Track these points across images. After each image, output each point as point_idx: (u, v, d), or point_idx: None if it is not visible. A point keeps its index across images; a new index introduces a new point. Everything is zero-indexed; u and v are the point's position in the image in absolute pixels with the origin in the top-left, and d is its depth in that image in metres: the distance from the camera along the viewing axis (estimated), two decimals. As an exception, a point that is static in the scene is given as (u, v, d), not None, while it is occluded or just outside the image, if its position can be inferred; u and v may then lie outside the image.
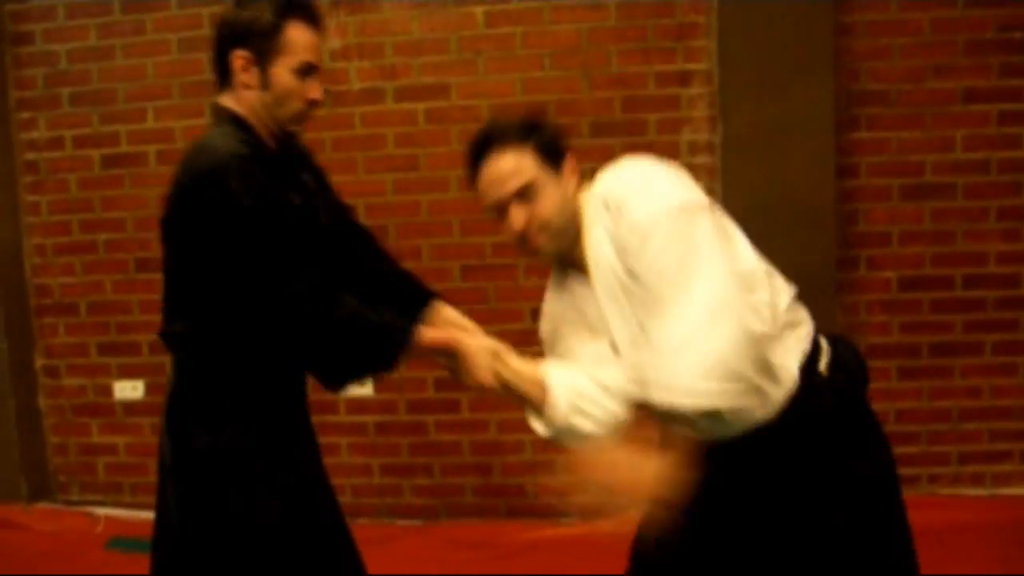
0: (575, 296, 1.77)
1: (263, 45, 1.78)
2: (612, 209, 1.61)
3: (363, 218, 3.50)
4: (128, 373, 3.82)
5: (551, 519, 3.47)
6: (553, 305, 1.86)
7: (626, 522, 1.66)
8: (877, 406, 3.39)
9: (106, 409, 3.87)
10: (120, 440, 3.88)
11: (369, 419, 3.66)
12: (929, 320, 3.48)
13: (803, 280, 3.19)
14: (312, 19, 1.82)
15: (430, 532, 3.54)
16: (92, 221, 3.78)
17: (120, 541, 3.58)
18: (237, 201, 1.70)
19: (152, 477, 3.78)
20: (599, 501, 1.60)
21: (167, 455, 2.00)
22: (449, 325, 2.03)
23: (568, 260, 1.75)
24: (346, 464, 3.67)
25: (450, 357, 1.80)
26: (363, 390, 3.63)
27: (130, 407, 3.84)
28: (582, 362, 1.74)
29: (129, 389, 3.83)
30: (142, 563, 3.38)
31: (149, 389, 3.81)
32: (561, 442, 1.76)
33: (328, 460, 3.62)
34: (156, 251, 3.62)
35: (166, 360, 3.72)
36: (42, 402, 3.95)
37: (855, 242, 3.43)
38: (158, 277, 3.65)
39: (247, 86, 1.80)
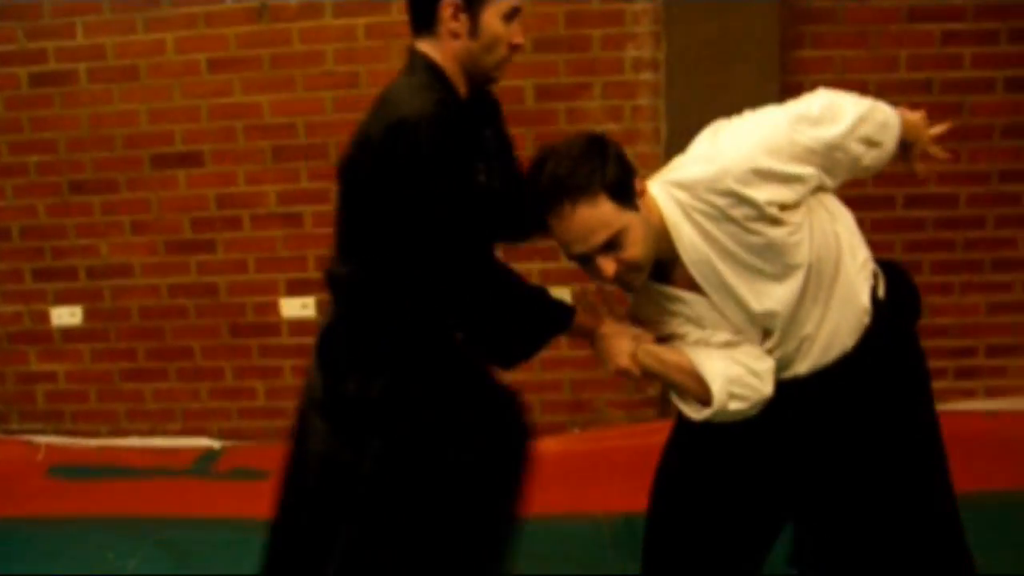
0: (681, 303, 1.74)
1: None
2: (723, 179, 1.58)
3: (302, 137, 3.53)
4: (65, 299, 3.79)
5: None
6: (658, 305, 1.79)
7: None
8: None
9: (44, 336, 3.84)
10: (59, 367, 3.86)
11: (312, 340, 3.65)
12: (870, 239, 3.52)
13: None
14: None
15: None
16: (22, 142, 3.70)
17: (61, 468, 3.59)
18: (426, 164, 1.68)
19: (93, 404, 3.85)
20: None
21: (316, 390, 1.99)
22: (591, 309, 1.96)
23: (655, 273, 1.73)
24: (290, 386, 3.68)
25: (595, 340, 1.83)
26: (305, 311, 3.64)
27: (68, 334, 3.82)
28: (723, 350, 1.72)
29: (67, 315, 3.80)
30: (83, 489, 3.46)
31: (88, 315, 3.79)
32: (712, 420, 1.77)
33: (271, 383, 3.74)
34: (90, 173, 3.68)
35: (104, 285, 3.76)
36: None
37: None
38: (93, 200, 3.72)
39: (455, 34, 1.77)
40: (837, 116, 1.67)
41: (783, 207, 1.59)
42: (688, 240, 1.64)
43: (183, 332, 3.74)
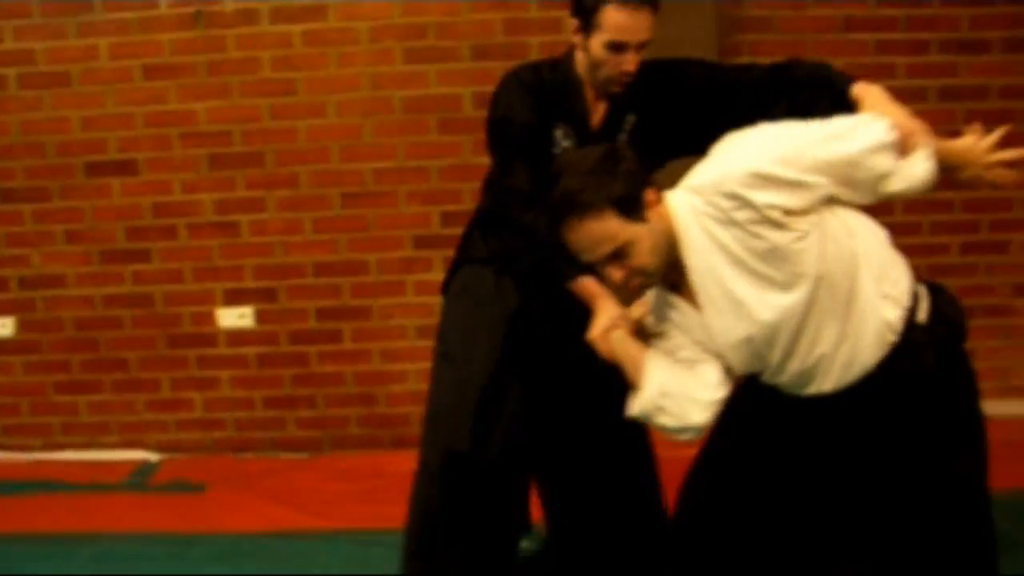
0: (675, 310, 1.82)
1: (586, 20, 2.07)
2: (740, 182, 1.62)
3: (238, 145, 3.51)
4: (2, 310, 3.73)
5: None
6: (658, 304, 1.87)
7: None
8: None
9: (-22, 346, 3.79)
10: (-9, 380, 3.81)
11: (250, 351, 3.66)
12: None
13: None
14: (627, 3, 2.02)
15: (315, 465, 3.58)
16: (-52, 151, 3.65)
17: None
18: (491, 112, 2.20)
19: (26, 417, 3.79)
20: None
21: None
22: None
23: (668, 280, 1.80)
24: (227, 398, 3.67)
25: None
26: (243, 321, 3.62)
27: (0, 346, 3.76)
28: (681, 365, 1.81)
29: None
30: (16, 505, 3.39)
31: (20, 326, 3.73)
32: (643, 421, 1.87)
33: (209, 394, 3.71)
34: (21, 181, 3.63)
35: (37, 296, 3.71)
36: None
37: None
38: (24, 208, 3.66)
39: (579, 45, 2.12)
40: (858, 135, 1.68)
41: (788, 212, 1.61)
42: (696, 245, 1.69)
43: (118, 343, 3.70)
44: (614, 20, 2.03)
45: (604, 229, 1.67)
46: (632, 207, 1.68)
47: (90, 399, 3.76)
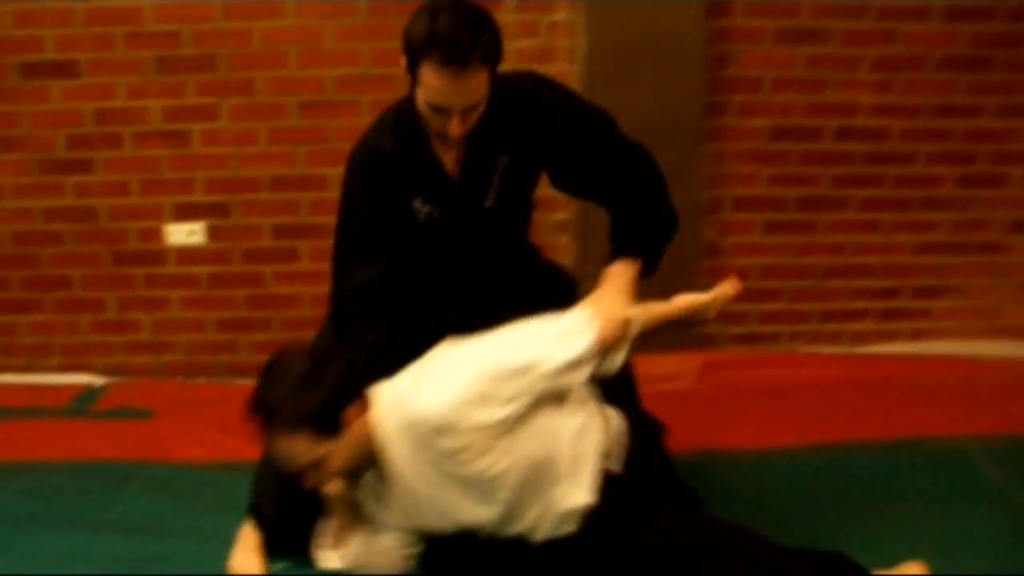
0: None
1: (410, 65, 1.85)
2: None
3: (188, 47, 3.27)
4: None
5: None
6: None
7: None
8: (741, 261, 3.43)
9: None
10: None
11: (201, 270, 3.47)
12: (797, 172, 3.45)
13: (668, 127, 3.14)
14: (446, 63, 1.77)
15: (270, 392, 3.41)
16: None
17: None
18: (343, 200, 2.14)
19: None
20: None
21: None
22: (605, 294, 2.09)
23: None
24: (177, 319, 3.49)
25: None
26: (193, 238, 3.42)
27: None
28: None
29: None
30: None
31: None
32: None
33: (157, 315, 3.52)
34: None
35: None
36: None
37: (725, 87, 3.33)
38: None
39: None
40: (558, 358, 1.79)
41: (493, 436, 1.73)
42: (400, 458, 1.78)
43: (60, 260, 3.48)
44: (431, 82, 1.80)
45: (297, 448, 1.72)
46: (329, 426, 1.73)
47: (31, 319, 3.55)
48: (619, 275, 2.10)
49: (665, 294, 3.32)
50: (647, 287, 2.20)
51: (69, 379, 3.53)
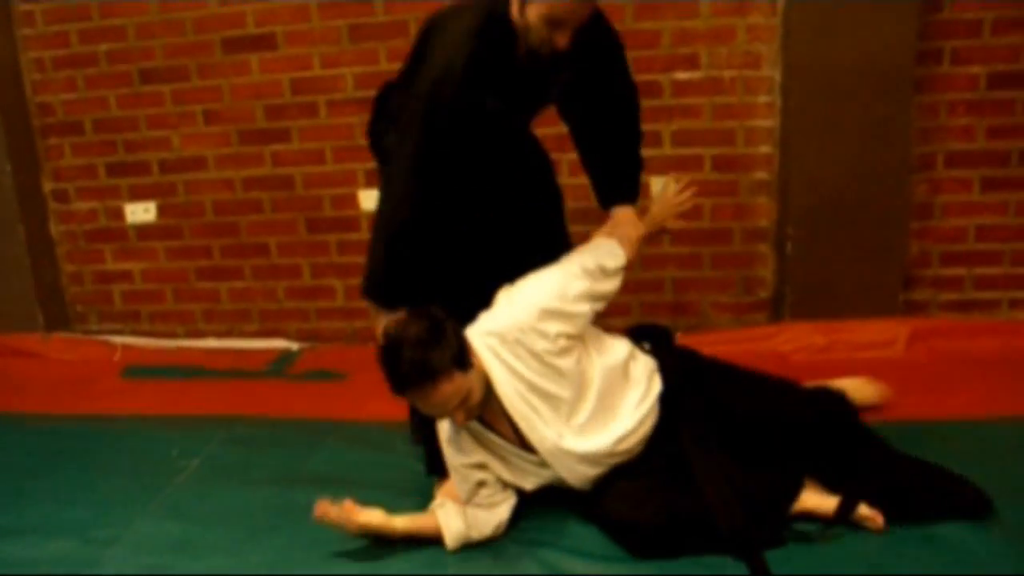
0: (491, 442, 2.15)
1: None
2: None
3: (380, 14, 3.34)
4: (139, 195, 3.75)
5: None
6: (466, 445, 2.18)
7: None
8: (955, 221, 3.22)
9: (119, 234, 3.83)
10: (135, 266, 3.85)
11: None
12: (1022, 123, 3.21)
13: (873, 77, 2.98)
14: None
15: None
16: (91, 30, 3.63)
17: (137, 369, 3.58)
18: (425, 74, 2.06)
19: (169, 304, 3.83)
20: None
21: None
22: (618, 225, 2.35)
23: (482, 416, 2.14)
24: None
25: None
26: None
27: (143, 231, 3.79)
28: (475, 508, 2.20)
29: (141, 212, 3.77)
30: (158, 389, 3.45)
31: (161, 211, 3.75)
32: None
33: (350, 282, 3.60)
34: (160, 60, 3.59)
35: (177, 180, 3.70)
36: (54, 228, 3.92)
37: (938, 32, 3.12)
38: (164, 89, 3.64)
39: (516, 2, 2.00)
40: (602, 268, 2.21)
41: (570, 337, 2.09)
42: (500, 378, 2.06)
43: (258, 228, 3.67)
44: None
45: (454, 387, 1.96)
46: (465, 361, 2.00)
47: (231, 286, 3.76)
48: (627, 211, 2.38)
49: (868, 256, 3.20)
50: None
51: (267, 344, 3.71)
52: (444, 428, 2.18)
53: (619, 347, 2.25)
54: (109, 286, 3.92)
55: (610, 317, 3.38)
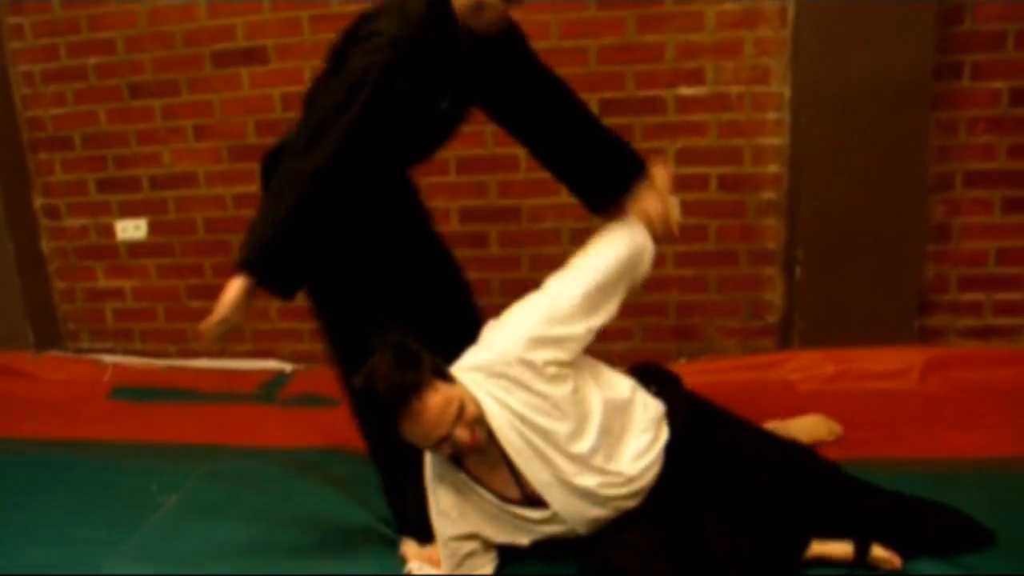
0: (475, 496, 2.02)
1: None
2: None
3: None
4: (129, 211, 3.67)
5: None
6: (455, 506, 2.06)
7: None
8: (974, 244, 3.09)
9: (110, 251, 3.75)
10: (126, 284, 3.78)
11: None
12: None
13: (889, 92, 2.86)
14: None
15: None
16: (80, 43, 3.56)
17: (125, 390, 3.51)
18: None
19: (161, 323, 3.75)
20: None
21: None
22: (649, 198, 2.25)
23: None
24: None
25: None
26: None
27: (134, 248, 3.72)
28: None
29: (132, 228, 3.69)
30: (146, 412, 3.37)
31: (152, 228, 3.67)
32: None
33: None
34: (148, 75, 3.50)
35: (168, 196, 3.62)
36: (44, 245, 3.85)
37: (958, 45, 2.98)
38: (154, 104, 3.56)
39: None
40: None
41: (561, 364, 1.96)
42: (490, 410, 1.92)
43: (250, 247, 3.57)
44: None
45: (442, 397, 1.84)
46: (445, 374, 1.91)
47: (223, 306, 3.67)
48: (646, 186, 2.28)
49: (882, 280, 3.07)
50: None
51: (259, 365, 3.63)
52: (435, 499, 2.06)
53: (622, 383, 2.12)
54: (101, 304, 3.85)
55: (610, 341, 3.30)
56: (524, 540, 2.05)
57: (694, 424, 2.14)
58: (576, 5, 3.05)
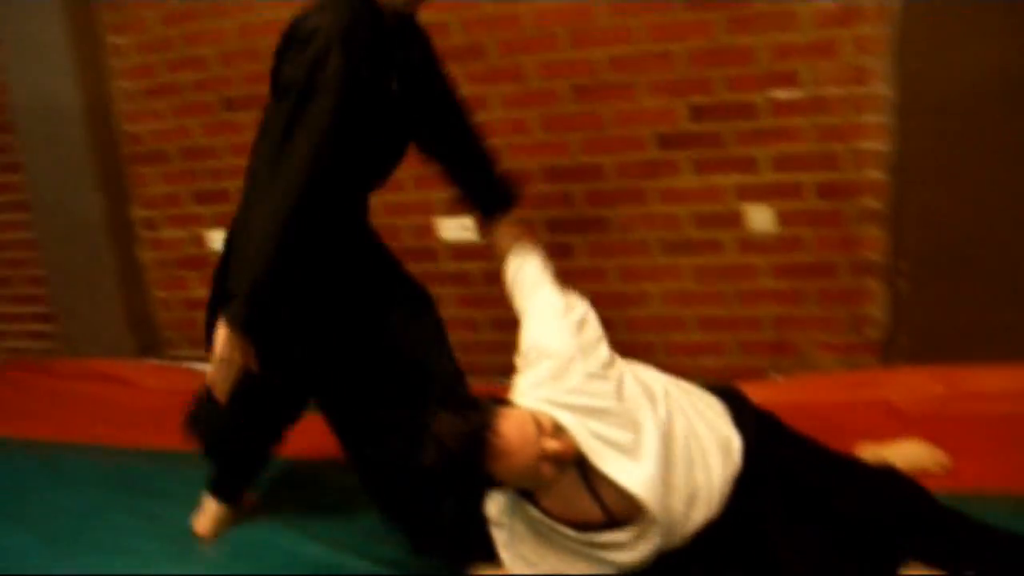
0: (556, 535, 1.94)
1: None
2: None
3: (458, 36, 3.22)
4: (221, 222, 3.73)
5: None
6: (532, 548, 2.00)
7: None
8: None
9: (203, 261, 3.83)
10: (220, 295, 3.86)
11: (475, 266, 3.43)
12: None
13: (1006, 91, 2.66)
14: None
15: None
16: (175, 60, 3.65)
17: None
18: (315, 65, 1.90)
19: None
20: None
21: None
22: (507, 238, 2.41)
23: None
24: (451, 317, 3.44)
25: None
26: (467, 233, 3.37)
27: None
28: None
29: (219, 240, 3.75)
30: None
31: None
32: None
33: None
34: (241, 88, 3.56)
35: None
36: (142, 255, 3.97)
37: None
38: (244, 117, 3.60)
39: None
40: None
41: (606, 365, 1.97)
42: (565, 420, 1.84)
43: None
44: None
45: (515, 420, 1.78)
46: (502, 400, 1.87)
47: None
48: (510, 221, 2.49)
49: (998, 294, 2.87)
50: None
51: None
52: (511, 545, 1.99)
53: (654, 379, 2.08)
54: (196, 313, 3.90)
55: (701, 355, 3.19)
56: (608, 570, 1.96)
57: (770, 452, 2.02)
58: (662, 7, 2.94)
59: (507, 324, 3.38)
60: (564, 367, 1.91)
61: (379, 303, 2.25)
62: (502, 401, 1.87)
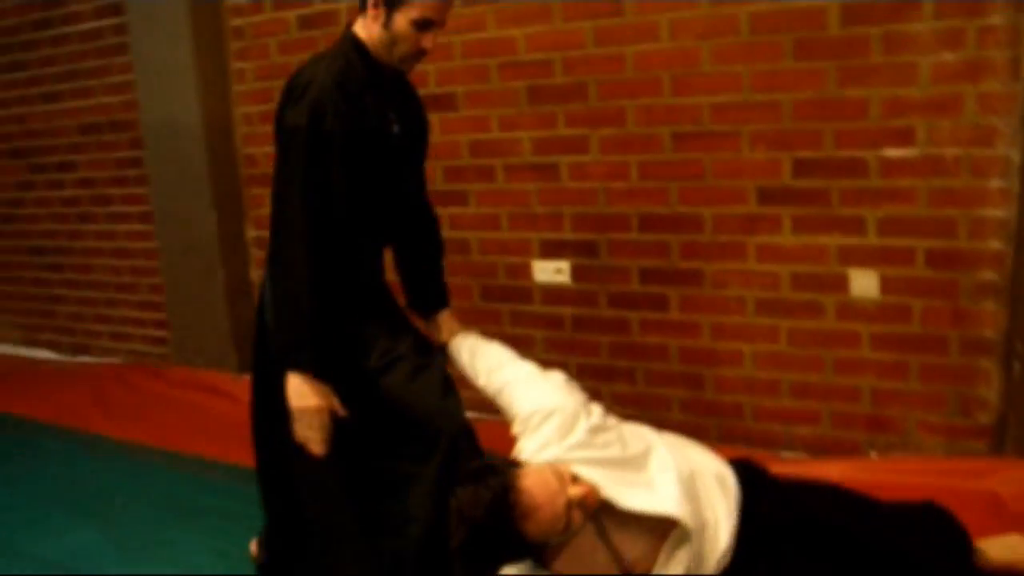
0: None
1: None
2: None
3: (559, 76, 3.17)
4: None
5: (771, 450, 3.01)
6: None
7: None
8: None
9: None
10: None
11: (566, 311, 3.36)
12: None
13: None
14: None
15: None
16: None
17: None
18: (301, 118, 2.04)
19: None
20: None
21: None
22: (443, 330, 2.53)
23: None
24: (540, 360, 3.40)
25: None
26: (560, 277, 3.32)
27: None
28: None
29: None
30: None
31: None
32: None
33: (522, 353, 3.48)
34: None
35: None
36: (254, 274, 4.09)
37: None
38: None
39: (374, 20, 2.11)
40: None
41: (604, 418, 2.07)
42: (576, 467, 1.89)
43: (435, 292, 3.59)
44: None
45: (533, 475, 1.80)
46: (517, 462, 1.90)
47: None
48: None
49: None
50: None
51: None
52: None
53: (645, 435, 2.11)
54: (300, 334, 4.02)
55: (794, 424, 3.03)
56: None
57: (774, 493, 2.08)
58: (770, 54, 2.81)
59: (595, 371, 3.33)
60: (570, 423, 1.98)
61: (387, 361, 2.23)
62: (514, 463, 1.88)
